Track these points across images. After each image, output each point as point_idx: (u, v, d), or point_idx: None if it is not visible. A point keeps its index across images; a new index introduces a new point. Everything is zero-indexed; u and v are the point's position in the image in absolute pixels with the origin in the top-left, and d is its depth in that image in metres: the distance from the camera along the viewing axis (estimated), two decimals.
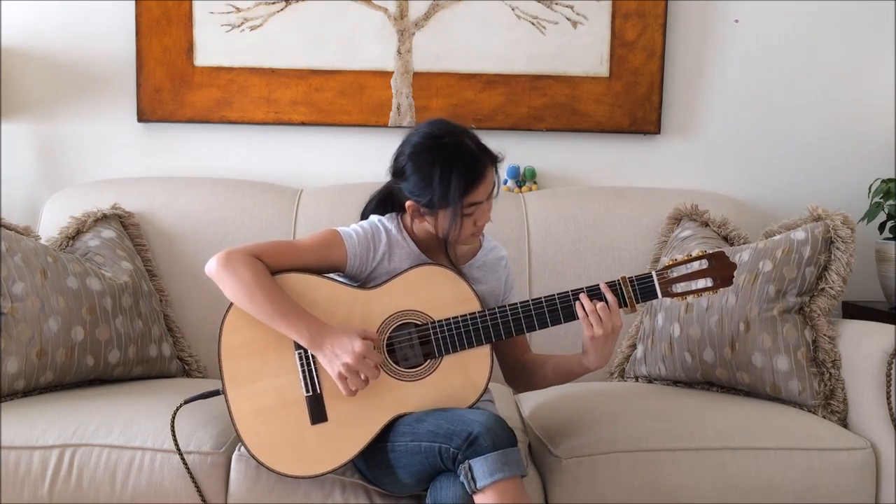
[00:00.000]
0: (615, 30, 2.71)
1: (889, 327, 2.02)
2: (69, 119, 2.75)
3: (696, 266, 1.76)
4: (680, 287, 1.76)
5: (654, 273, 1.76)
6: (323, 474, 1.71)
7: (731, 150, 2.79)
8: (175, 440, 1.78)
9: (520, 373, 1.94)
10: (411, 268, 1.76)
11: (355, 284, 1.79)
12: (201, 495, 1.80)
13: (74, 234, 2.36)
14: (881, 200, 2.55)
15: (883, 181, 2.55)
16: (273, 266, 1.72)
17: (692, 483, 1.84)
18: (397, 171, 1.77)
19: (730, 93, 2.77)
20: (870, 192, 2.60)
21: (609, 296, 1.73)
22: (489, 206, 1.78)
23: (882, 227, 2.60)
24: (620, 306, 1.74)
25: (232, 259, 1.69)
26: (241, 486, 1.81)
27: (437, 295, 1.74)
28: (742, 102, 2.78)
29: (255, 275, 1.68)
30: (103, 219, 2.41)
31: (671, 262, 1.77)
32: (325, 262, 1.77)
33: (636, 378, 2.36)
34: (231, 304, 1.73)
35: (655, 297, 1.75)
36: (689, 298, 1.77)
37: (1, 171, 2.73)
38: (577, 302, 1.73)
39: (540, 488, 1.85)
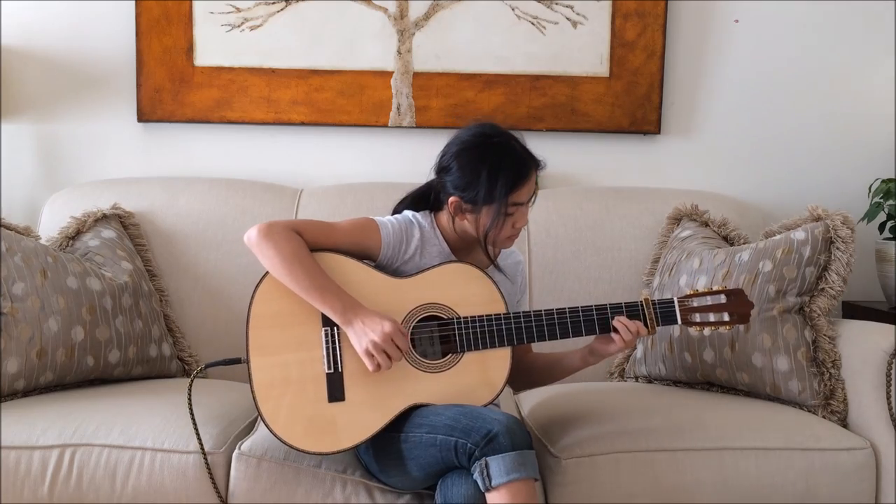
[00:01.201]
0: (615, 30, 2.71)
1: (889, 327, 2.02)
2: (69, 119, 2.75)
3: (715, 299, 1.81)
4: (699, 317, 1.81)
5: (675, 300, 1.81)
6: (331, 453, 1.72)
7: (731, 150, 2.79)
8: (191, 411, 1.79)
9: (519, 370, 1.95)
10: (443, 263, 1.79)
11: (386, 273, 1.81)
12: (218, 493, 1.80)
13: (74, 234, 2.36)
14: (881, 200, 2.55)
15: (883, 181, 2.55)
16: (310, 243, 1.76)
17: (692, 483, 1.84)
18: (443, 167, 1.82)
19: (730, 93, 2.78)
20: (870, 192, 2.60)
21: (635, 326, 1.78)
22: (527, 210, 1.82)
23: (882, 227, 2.60)
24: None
25: (273, 231, 1.72)
26: (241, 485, 1.81)
27: (466, 292, 1.77)
28: (742, 102, 2.78)
29: (295, 248, 1.71)
30: (103, 219, 2.41)
31: (692, 292, 1.82)
32: (359, 247, 1.80)
33: (636, 378, 2.36)
34: (265, 273, 1.75)
35: (675, 322, 1.81)
36: (706, 331, 1.81)
37: (1, 171, 2.73)
38: (616, 318, 1.78)
39: (540, 488, 1.84)
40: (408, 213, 1.88)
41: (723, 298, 1.81)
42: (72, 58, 2.73)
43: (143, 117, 2.73)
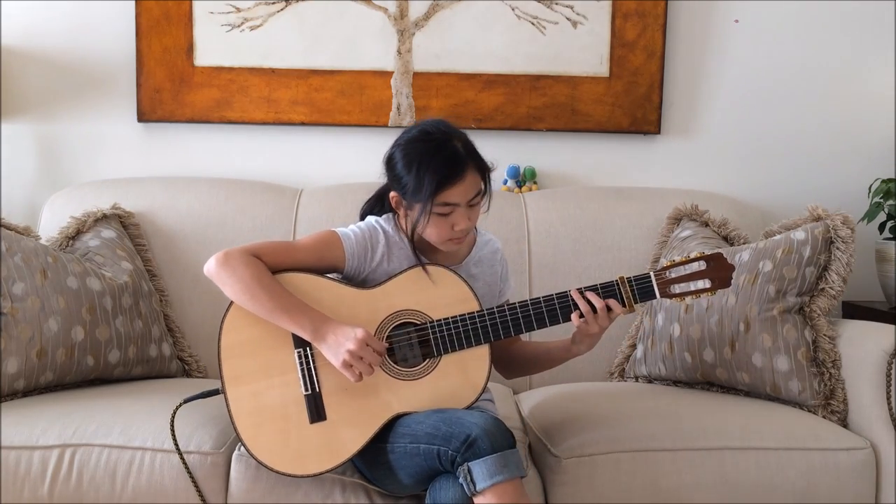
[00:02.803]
0: (615, 30, 2.71)
1: (889, 327, 2.02)
2: (69, 119, 2.75)
3: (694, 267, 1.76)
4: (678, 288, 1.76)
5: (651, 273, 1.76)
6: (321, 473, 1.71)
7: (731, 150, 2.79)
8: (175, 440, 1.78)
9: (508, 360, 1.96)
10: (411, 267, 1.77)
11: (354, 285, 1.79)
12: (201, 495, 1.80)
13: (74, 234, 2.36)
14: (881, 200, 2.55)
15: (883, 181, 2.55)
16: (271, 265, 1.73)
17: (692, 483, 1.84)
18: (387, 160, 1.78)
19: (730, 93, 2.77)
20: (870, 192, 2.60)
21: (601, 302, 1.73)
22: (472, 213, 1.75)
23: (882, 227, 2.60)
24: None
25: (231, 258, 1.70)
26: (241, 486, 1.81)
27: (436, 295, 1.75)
28: (742, 102, 2.78)
29: (255, 272, 1.69)
30: (103, 219, 2.41)
31: (669, 263, 1.77)
32: (323, 262, 1.78)
33: (636, 378, 2.36)
34: (231, 303, 1.73)
35: (654, 297, 1.76)
36: (688, 300, 1.77)
37: (1, 171, 2.73)
38: (574, 298, 1.74)
39: (540, 488, 1.85)
40: (371, 220, 1.85)
41: (702, 265, 1.76)
42: (72, 58, 2.73)
43: (143, 117, 2.73)
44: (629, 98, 2.73)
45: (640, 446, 1.86)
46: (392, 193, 1.77)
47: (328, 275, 1.79)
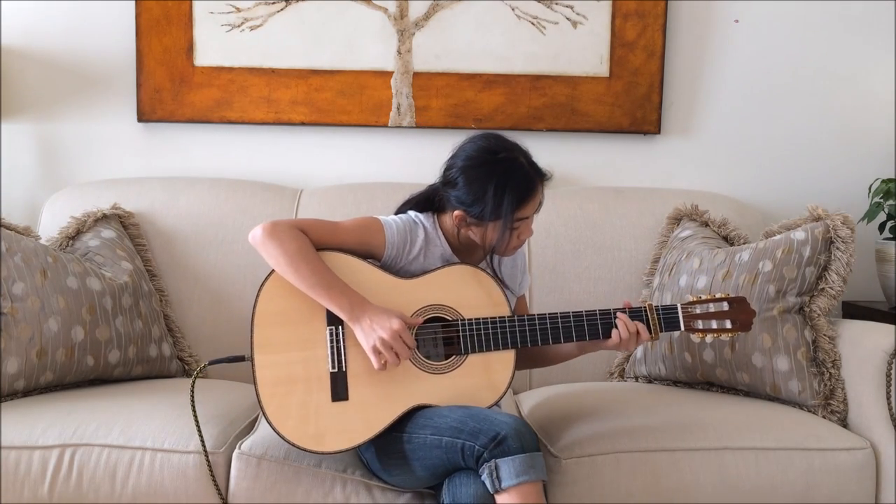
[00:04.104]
0: (615, 30, 2.71)
1: (889, 327, 2.02)
2: (69, 119, 2.75)
3: (718, 306, 1.83)
4: (701, 324, 1.82)
5: (679, 306, 1.82)
6: (334, 452, 1.72)
7: (731, 150, 2.79)
8: (194, 409, 1.79)
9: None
10: (448, 265, 1.80)
11: (392, 273, 1.81)
12: (219, 491, 1.80)
13: (74, 234, 2.36)
14: (881, 200, 2.55)
15: (883, 181, 2.55)
16: (315, 242, 1.76)
17: (692, 483, 1.84)
18: (448, 181, 1.81)
19: (730, 93, 2.78)
20: (870, 192, 2.60)
21: (635, 328, 1.78)
22: (532, 221, 1.83)
23: (882, 227, 2.60)
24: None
25: (278, 229, 1.72)
26: (241, 485, 1.81)
27: (471, 295, 1.78)
28: (742, 102, 2.78)
29: (301, 246, 1.71)
30: (103, 219, 2.41)
31: (695, 299, 1.84)
32: (363, 246, 1.80)
33: (636, 378, 2.36)
34: (271, 271, 1.75)
35: (678, 329, 1.82)
36: (708, 338, 1.84)
37: (1, 171, 2.73)
38: (618, 321, 1.79)
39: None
40: (411, 214, 1.88)
41: (725, 306, 1.83)
42: (72, 58, 2.73)
43: (143, 117, 2.72)
44: (629, 98, 2.73)
45: (640, 446, 1.86)
46: (457, 213, 1.79)
47: (368, 260, 1.82)
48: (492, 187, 1.74)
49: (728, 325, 1.82)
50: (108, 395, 2.06)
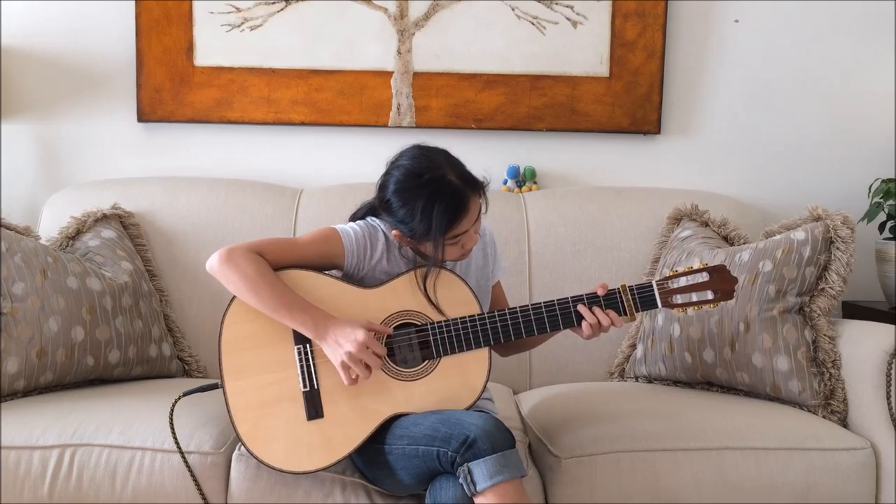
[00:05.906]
0: (615, 30, 2.71)
1: (889, 327, 2.02)
2: (69, 119, 2.75)
3: (697, 278, 1.77)
4: (680, 298, 1.77)
5: (654, 283, 1.77)
6: (315, 471, 1.71)
7: (731, 150, 2.79)
8: (174, 435, 1.78)
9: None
10: (414, 268, 1.77)
11: (355, 283, 1.80)
12: (202, 494, 1.80)
13: (74, 234, 2.36)
14: (881, 200, 2.55)
15: (883, 181, 2.55)
16: (273, 262, 1.74)
17: (692, 483, 1.84)
18: (382, 202, 1.77)
19: (730, 93, 2.78)
20: (870, 192, 2.60)
21: (605, 313, 1.74)
22: (476, 227, 1.77)
23: (882, 227, 2.60)
24: (620, 315, 1.76)
25: (234, 255, 1.71)
26: (241, 486, 1.81)
27: (438, 296, 1.75)
28: (742, 102, 2.78)
29: (258, 269, 1.69)
30: (103, 219, 2.41)
31: (672, 273, 1.78)
32: (324, 258, 1.78)
33: (636, 378, 2.36)
34: (233, 297, 1.74)
35: (655, 306, 1.78)
36: (690, 311, 1.79)
37: (1, 171, 2.73)
38: (579, 306, 1.75)
39: (540, 488, 1.85)
40: (370, 219, 1.85)
41: (705, 276, 1.77)
42: (72, 58, 2.73)
43: (143, 117, 2.73)
44: (629, 98, 2.73)
45: (640, 446, 1.86)
46: (394, 232, 1.76)
47: (329, 272, 1.80)
48: (419, 212, 1.68)
49: (709, 295, 1.76)
50: (109, 395, 2.06)
